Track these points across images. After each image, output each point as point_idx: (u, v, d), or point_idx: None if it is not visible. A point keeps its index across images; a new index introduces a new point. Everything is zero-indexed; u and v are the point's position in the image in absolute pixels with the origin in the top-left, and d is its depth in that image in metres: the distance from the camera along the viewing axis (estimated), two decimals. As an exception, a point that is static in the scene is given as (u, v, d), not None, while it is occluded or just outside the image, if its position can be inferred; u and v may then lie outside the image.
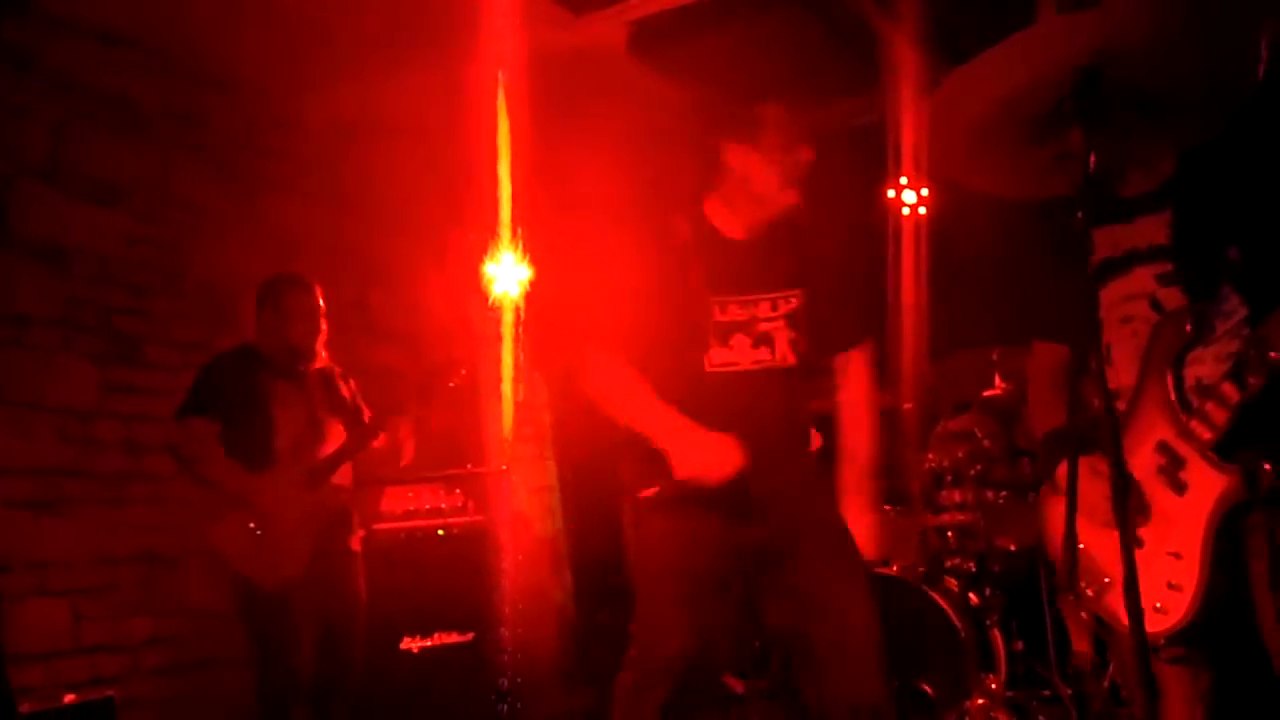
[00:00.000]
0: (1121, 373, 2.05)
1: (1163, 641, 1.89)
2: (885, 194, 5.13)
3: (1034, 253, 2.29)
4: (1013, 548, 4.03)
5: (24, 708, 3.08)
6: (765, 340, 2.52)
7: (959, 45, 4.45)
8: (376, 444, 3.72)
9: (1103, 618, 2.01)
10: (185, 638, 4.23)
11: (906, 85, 4.73)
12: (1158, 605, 1.87)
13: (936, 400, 4.23)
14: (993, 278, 4.55)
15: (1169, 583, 1.86)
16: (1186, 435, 1.89)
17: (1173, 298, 1.99)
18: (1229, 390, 1.85)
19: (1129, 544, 1.61)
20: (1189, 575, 1.84)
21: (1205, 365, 1.93)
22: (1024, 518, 3.98)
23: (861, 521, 2.55)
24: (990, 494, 3.93)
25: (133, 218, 4.31)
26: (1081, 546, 2.01)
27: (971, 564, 3.86)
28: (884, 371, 2.82)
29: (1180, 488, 1.89)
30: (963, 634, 3.62)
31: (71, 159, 4.15)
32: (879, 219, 5.09)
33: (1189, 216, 2.03)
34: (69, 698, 3.25)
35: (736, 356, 2.50)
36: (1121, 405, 2.02)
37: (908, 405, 4.34)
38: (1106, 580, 1.97)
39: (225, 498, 3.46)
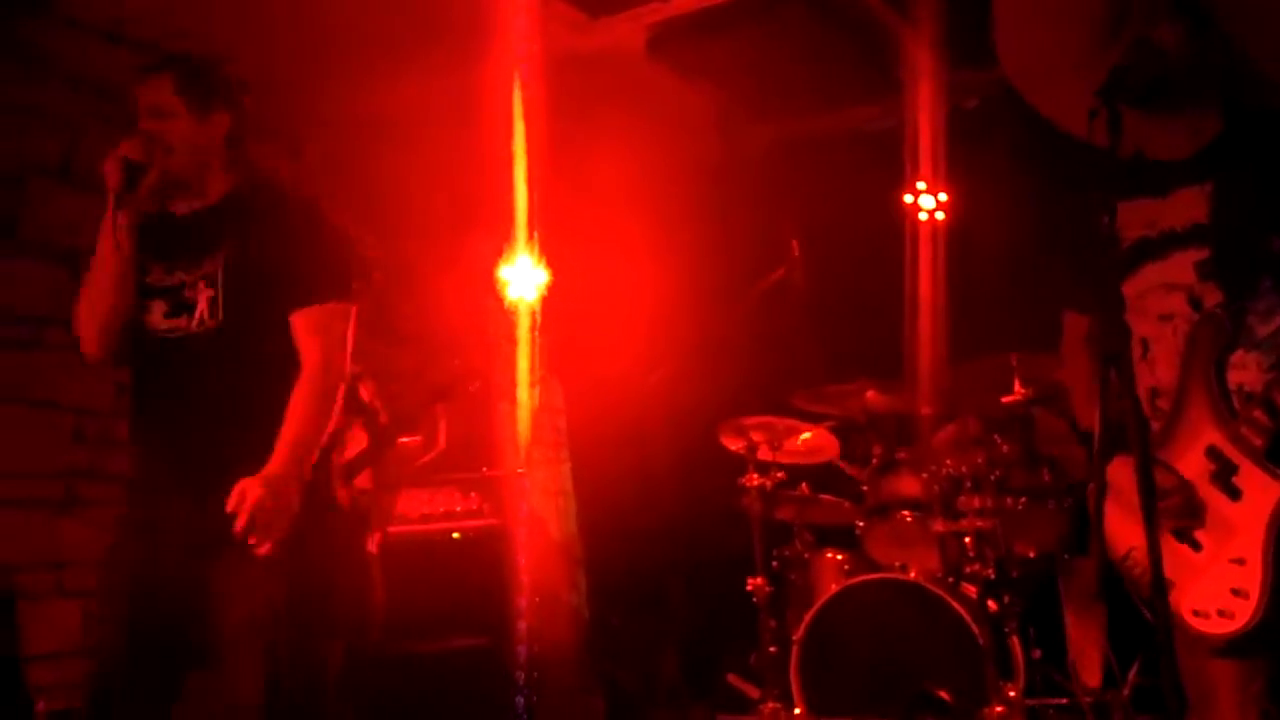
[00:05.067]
0: (1161, 371, 1.99)
1: (1224, 644, 1.85)
2: (903, 199, 5.10)
3: (1055, 256, 2.24)
4: (1031, 554, 4.00)
5: (39, 706, 3.08)
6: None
7: (976, 48, 4.44)
8: (407, 441, 3.72)
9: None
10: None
11: (924, 89, 4.70)
12: (1222, 610, 1.85)
13: (955, 406, 4.19)
14: (1011, 282, 4.54)
15: (1233, 589, 1.84)
16: (1238, 441, 1.85)
17: (1212, 293, 1.92)
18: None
19: (1155, 542, 1.59)
20: (1253, 580, 1.82)
21: (1249, 372, 1.88)
22: (1043, 524, 3.95)
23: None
24: (1009, 500, 3.90)
25: (147, 219, 4.31)
26: (1134, 549, 1.96)
27: (990, 570, 3.82)
28: (903, 376, 2.71)
29: (1235, 493, 1.86)
30: (981, 641, 3.58)
31: (85, 159, 4.15)
32: (897, 224, 5.07)
33: (1231, 192, 1.92)
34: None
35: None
36: (1164, 404, 1.98)
37: (926, 411, 4.31)
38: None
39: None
